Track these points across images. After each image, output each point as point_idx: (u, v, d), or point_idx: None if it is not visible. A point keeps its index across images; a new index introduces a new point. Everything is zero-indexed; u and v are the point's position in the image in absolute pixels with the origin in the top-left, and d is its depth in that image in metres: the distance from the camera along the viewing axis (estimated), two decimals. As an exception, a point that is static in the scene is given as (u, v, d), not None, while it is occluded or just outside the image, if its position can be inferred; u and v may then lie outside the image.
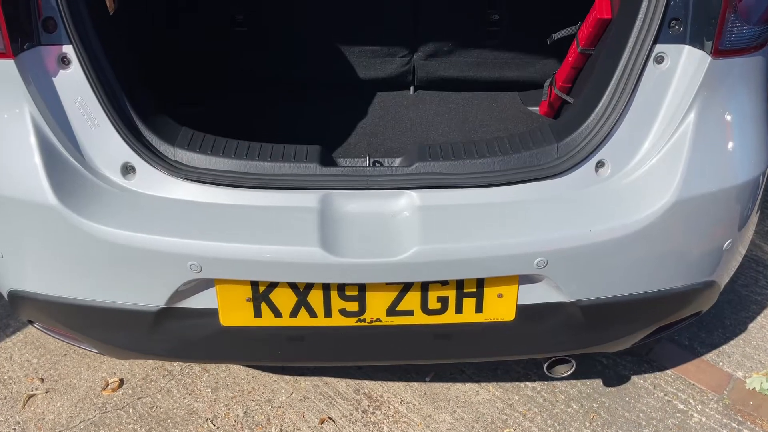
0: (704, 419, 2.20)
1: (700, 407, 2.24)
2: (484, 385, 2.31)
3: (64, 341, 1.96)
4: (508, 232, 1.59)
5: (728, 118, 1.65)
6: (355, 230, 1.59)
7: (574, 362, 1.95)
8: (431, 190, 1.62)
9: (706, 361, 2.40)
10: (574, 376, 2.19)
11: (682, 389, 2.30)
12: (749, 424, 2.19)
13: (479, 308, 1.71)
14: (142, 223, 1.58)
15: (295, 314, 1.70)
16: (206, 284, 1.64)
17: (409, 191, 1.62)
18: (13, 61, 1.52)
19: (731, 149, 1.66)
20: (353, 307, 1.69)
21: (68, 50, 1.57)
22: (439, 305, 1.70)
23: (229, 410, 2.22)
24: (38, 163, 1.56)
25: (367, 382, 2.31)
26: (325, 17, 2.48)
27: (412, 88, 2.61)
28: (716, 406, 2.25)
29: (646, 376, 2.35)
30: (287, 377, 2.32)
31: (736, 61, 1.61)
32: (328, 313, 1.70)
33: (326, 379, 2.31)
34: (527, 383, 2.31)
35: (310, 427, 2.16)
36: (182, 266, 1.58)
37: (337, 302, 1.68)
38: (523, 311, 1.72)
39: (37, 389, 2.29)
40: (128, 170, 1.63)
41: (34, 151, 1.57)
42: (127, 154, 1.62)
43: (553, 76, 2.32)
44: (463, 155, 1.69)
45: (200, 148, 1.67)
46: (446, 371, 2.35)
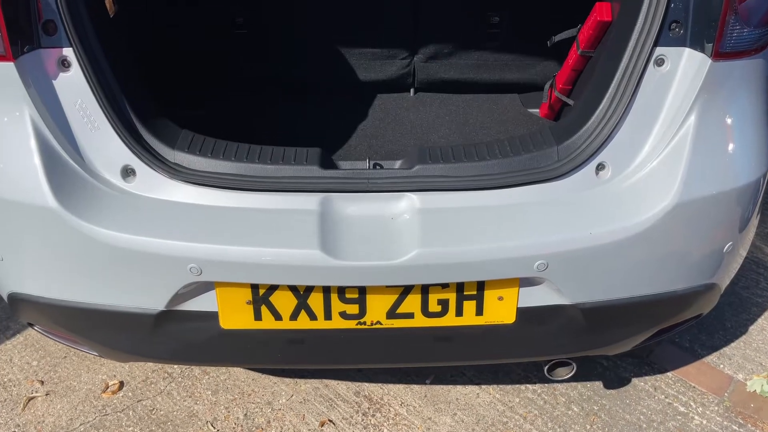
0: (705, 422, 2.20)
1: (700, 410, 2.24)
2: (484, 387, 2.30)
3: (64, 344, 1.96)
4: (508, 234, 1.59)
5: (729, 120, 1.65)
6: (355, 233, 1.59)
7: (574, 365, 1.95)
8: (431, 192, 1.62)
9: (706, 363, 2.40)
10: (574, 378, 2.19)
11: (682, 392, 2.30)
12: (750, 426, 2.18)
13: (480, 311, 1.71)
14: (142, 225, 1.58)
15: (295, 317, 1.70)
16: (206, 287, 1.64)
17: (409, 194, 1.62)
18: (13, 63, 1.52)
19: (732, 152, 1.66)
20: (353, 309, 1.69)
21: (68, 53, 1.57)
22: (439, 308, 1.70)
23: (229, 413, 2.22)
24: (38, 165, 1.56)
25: (367, 384, 2.30)
26: (325, 19, 2.48)
27: (412, 90, 2.60)
28: (717, 408, 2.24)
29: (646, 378, 2.35)
30: (287, 379, 2.32)
31: (736, 63, 1.60)
32: (328, 315, 1.70)
33: (326, 381, 2.31)
34: (528, 385, 2.31)
35: (310, 429, 2.16)
36: (182, 269, 1.58)
37: (337, 305, 1.68)
38: (523, 314, 1.72)
39: (37, 392, 2.29)
40: (128, 173, 1.62)
41: (34, 153, 1.57)
42: (127, 156, 1.62)
43: (553, 78, 2.32)
44: (463, 158, 1.68)
45: (200, 150, 1.67)
46: (446, 373, 2.34)
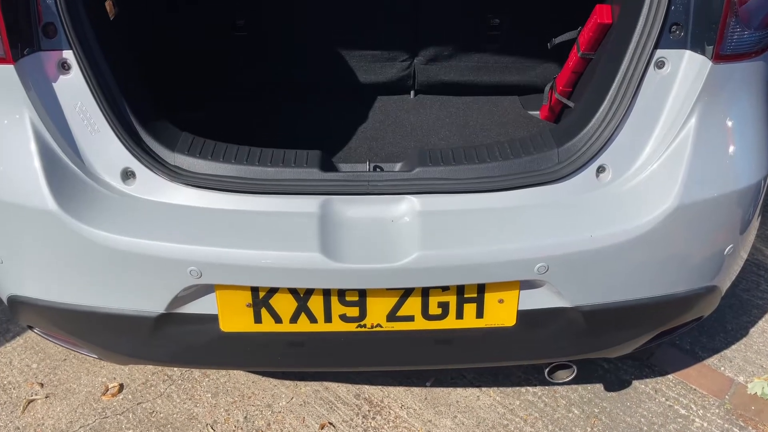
0: (706, 424, 2.19)
1: (701, 412, 2.23)
2: (484, 389, 2.30)
3: (63, 347, 1.96)
4: (508, 237, 1.59)
5: (729, 123, 1.65)
6: (355, 235, 1.59)
7: (575, 367, 1.94)
8: (432, 195, 1.62)
9: (707, 365, 2.40)
10: (575, 381, 2.18)
11: (683, 394, 2.30)
12: (751, 429, 2.18)
13: (480, 314, 1.71)
14: (142, 228, 1.58)
15: (295, 320, 1.70)
16: (206, 290, 1.64)
17: (409, 196, 1.61)
18: (13, 66, 1.51)
19: (732, 154, 1.65)
20: (353, 312, 1.69)
21: (68, 55, 1.56)
22: (439, 311, 1.70)
23: (229, 415, 2.21)
24: (38, 168, 1.56)
25: (367, 387, 2.30)
26: (325, 21, 2.48)
27: (412, 92, 2.60)
28: (718, 411, 2.24)
29: (647, 380, 2.34)
30: (287, 382, 2.31)
31: (737, 66, 1.60)
32: (328, 318, 1.69)
33: (326, 383, 2.31)
34: (528, 388, 2.31)
35: (310, 432, 2.16)
36: (182, 272, 1.58)
37: (337, 308, 1.68)
38: (524, 316, 1.71)
39: (36, 394, 2.29)
40: (128, 175, 1.62)
41: (34, 156, 1.56)
42: (127, 159, 1.61)
43: (553, 80, 2.32)
44: (463, 160, 1.68)
45: (200, 153, 1.66)
46: (447, 376, 2.34)
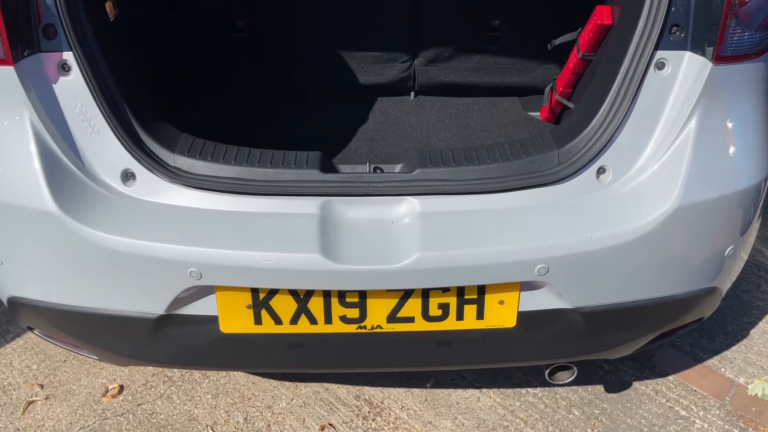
0: (706, 425, 2.19)
1: (702, 413, 2.23)
2: (485, 391, 2.30)
3: (63, 348, 1.95)
4: (509, 238, 1.59)
5: (729, 124, 1.65)
6: (355, 237, 1.59)
7: (575, 369, 1.94)
8: (432, 196, 1.61)
9: (708, 367, 2.40)
10: (575, 382, 2.18)
11: (684, 395, 2.29)
12: (751, 430, 2.18)
13: (480, 315, 1.70)
14: (142, 229, 1.58)
15: (295, 321, 1.69)
16: (206, 291, 1.64)
17: (409, 198, 1.61)
18: (13, 68, 1.51)
19: (733, 155, 1.65)
20: (354, 314, 1.69)
21: (68, 57, 1.56)
22: (440, 312, 1.69)
23: (229, 417, 2.21)
24: (38, 169, 1.56)
25: (367, 388, 2.30)
26: (325, 23, 2.48)
27: (412, 93, 2.60)
28: (718, 412, 2.24)
29: (647, 382, 2.34)
30: (287, 383, 2.31)
31: (737, 67, 1.60)
32: (328, 319, 1.69)
33: (327, 385, 2.31)
34: (528, 389, 2.30)
35: (310, 433, 2.16)
36: (182, 273, 1.58)
37: (337, 309, 1.68)
38: (524, 318, 1.71)
39: (36, 395, 2.29)
40: (128, 177, 1.62)
41: (34, 157, 1.56)
42: (127, 160, 1.61)
43: (553, 81, 2.32)
44: (463, 161, 1.68)
45: (200, 154, 1.66)
46: (447, 377, 2.34)
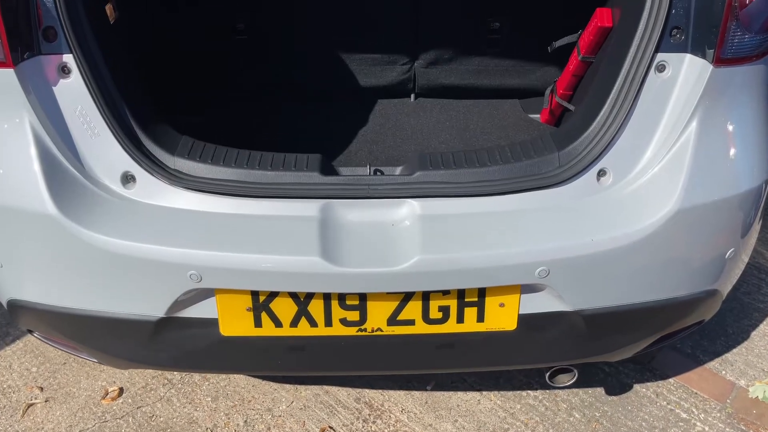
0: (707, 428, 2.19)
1: (702, 416, 2.23)
2: (485, 393, 2.30)
3: (63, 350, 1.95)
4: (509, 241, 1.58)
5: (730, 126, 1.64)
6: (355, 239, 1.59)
7: (576, 371, 1.94)
8: (432, 199, 1.61)
9: (708, 369, 2.39)
10: (576, 384, 2.17)
11: (684, 398, 2.29)
12: (752, 433, 2.18)
13: (481, 318, 1.70)
14: (142, 232, 1.58)
15: (295, 324, 1.69)
16: (206, 294, 1.64)
17: (409, 200, 1.61)
18: (13, 70, 1.51)
19: (733, 158, 1.65)
20: (354, 316, 1.68)
21: (68, 59, 1.56)
22: (440, 315, 1.69)
23: (229, 419, 2.21)
24: (38, 172, 1.56)
25: (368, 390, 2.29)
26: (325, 25, 2.48)
27: (412, 95, 2.60)
28: (719, 414, 2.23)
29: (648, 384, 2.34)
30: (288, 386, 2.31)
31: (737, 69, 1.60)
32: (328, 322, 1.69)
33: (327, 387, 2.30)
34: (529, 392, 2.30)
35: (310, 436, 2.16)
36: (182, 276, 1.57)
37: (337, 312, 1.68)
38: (525, 321, 1.71)
39: (36, 398, 2.28)
40: (128, 179, 1.62)
41: (34, 160, 1.56)
42: (127, 163, 1.61)
43: (554, 83, 2.32)
44: (464, 164, 1.68)
45: (200, 157, 1.66)
46: (447, 380, 2.33)
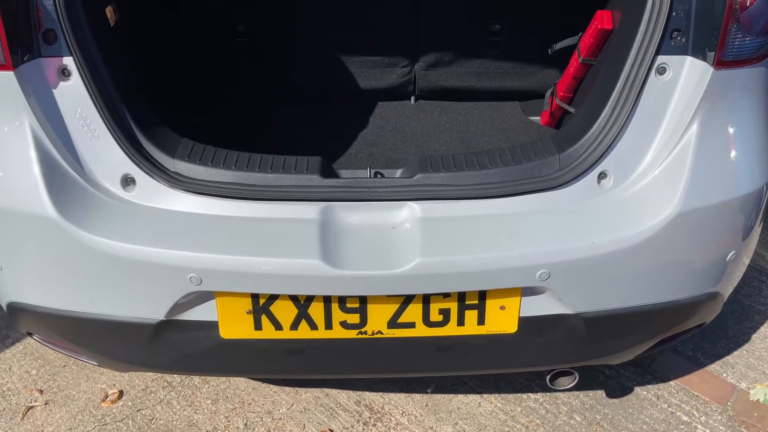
0: (708, 431, 2.18)
1: (703, 419, 2.22)
2: (486, 396, 2.29)
3: (63, 353, 1.95)
4: (510, 243, 1.58)
5: (731, 129, 1.64)
6: (356, 242, 1.58)
7: (576, 374, 1.94)
8: (432, 201, 1.61)
9: (709, 371, 2.39)
10: (576, 387, 2.18)
11: (685, 400, 2.29)
12: (753, 436, 2.17)
13: (481, 320, 1.70)
14: (141, 235, 1.57)
15: (295, 327, 1.69)
16: (206, 296, 1.64)
17: (410, 203, 1.61)
18: (13, 73, 1.51)
19: (734, 160, 1.65)
20: (354, 319, 1.68)
21: (68, 62, 1.56)
22: (440, 317, 1.69)
23: (229, 422, 2.20)
24: (38, 174, 1.56)
25: (368, 393, 2.29)
26: (326, 27, 2.48)
27: (413, 98, 2.60)
28: (720, 417, 2.23)
29: (649, 387, 2.33)
30: (288, 389, 2.31)
31: (738, 72, 1.60)
32: (328, 325, 1.69)
33: (327, 390, 2.30)
34: (530, 395, 2.30)
35: (310, 439, 2.15)
36: (182, 278, 1.57)
37: (338, 314, 1.67)
38: (525, 323, 1.71)
39: (36, 401, 2.28)
40: (128, 182, 1.62)
41: (33, 162, 1.56)
42: (127, 165, 1.61)
43: (554, 86, 2.32)
44: (464, 166, 1.68)
45: (200, 159, 1.66)
46: (448, 382, 2.33)
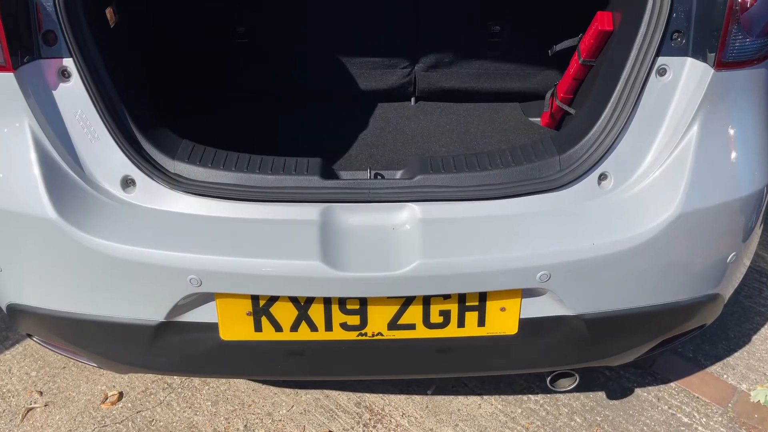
0: (709, 433, 2.19)
1: (704, 420, 2.22)
2: (486, 398, 2.29)
3: (63, 355, 1.95)
4: (510, 245, 1.58)
5: (731, 130, 1.64)
6: (356, 244, 1.58)
7: (577, 376, 1.94)
8: (433, 202, 1.61)
9: (710, 373, 2.39)
10: (577, 389, 2.17)
11: (686, 402, 2.28)
12: (754, 437, 2.17)
13: (482, 322, 1.70)
14: (141, 236, 1.57)
15: (295, 328, 1.69)
16: (206, 298, 1.63)
17: (410, 204, 1.61)
18: (13, 74, 1.51)
19: (734, 162, 1.65)
20: (354, 321, 1.68)
21: (68, 63, 1.56)
22: (441, 319, 1.69)
23: (229, 424, 2.20)
24: (38, 176, 1.56)
25: (368, 395, 2.29)
26: (326, 28, 2.48)
27: (413, 99, 2.60)
28: (720, 419, 2.23)
29: (649, 388, 2.33)
30: (288, 390, 2.30)
31: (738, 73, 1.60)
32: (329, 327, 1.68)
33: (327, 392, 2.30)
34: (530, 396, 2.29)
35: (310, 441, 2.15)
36: (182, 280, 1.57)
37: (338, 316, 1.67)
38: (526, 325, 1.70)
39: (36, 402, 2.28)
40: (128, 183, 1.62)
41: (33, 164, 1.56)
42: (127, 167, 1.61)
43: (554, 87, 2.32)
44: (464, 167, 1.68)
45: (200, 161, 1.66)
46: (448, 384, 2.33)
